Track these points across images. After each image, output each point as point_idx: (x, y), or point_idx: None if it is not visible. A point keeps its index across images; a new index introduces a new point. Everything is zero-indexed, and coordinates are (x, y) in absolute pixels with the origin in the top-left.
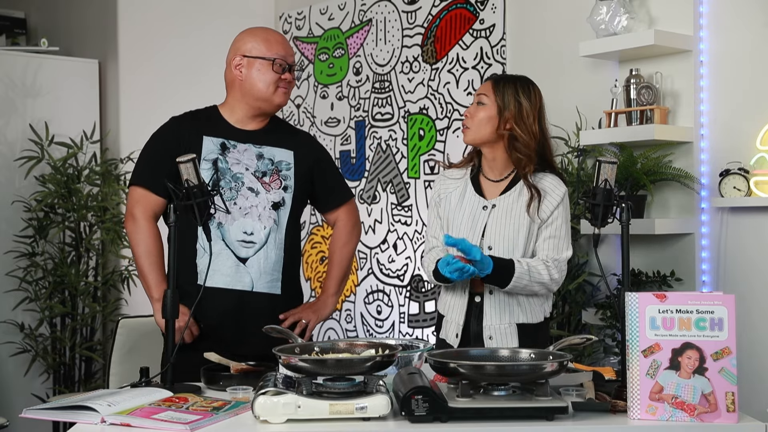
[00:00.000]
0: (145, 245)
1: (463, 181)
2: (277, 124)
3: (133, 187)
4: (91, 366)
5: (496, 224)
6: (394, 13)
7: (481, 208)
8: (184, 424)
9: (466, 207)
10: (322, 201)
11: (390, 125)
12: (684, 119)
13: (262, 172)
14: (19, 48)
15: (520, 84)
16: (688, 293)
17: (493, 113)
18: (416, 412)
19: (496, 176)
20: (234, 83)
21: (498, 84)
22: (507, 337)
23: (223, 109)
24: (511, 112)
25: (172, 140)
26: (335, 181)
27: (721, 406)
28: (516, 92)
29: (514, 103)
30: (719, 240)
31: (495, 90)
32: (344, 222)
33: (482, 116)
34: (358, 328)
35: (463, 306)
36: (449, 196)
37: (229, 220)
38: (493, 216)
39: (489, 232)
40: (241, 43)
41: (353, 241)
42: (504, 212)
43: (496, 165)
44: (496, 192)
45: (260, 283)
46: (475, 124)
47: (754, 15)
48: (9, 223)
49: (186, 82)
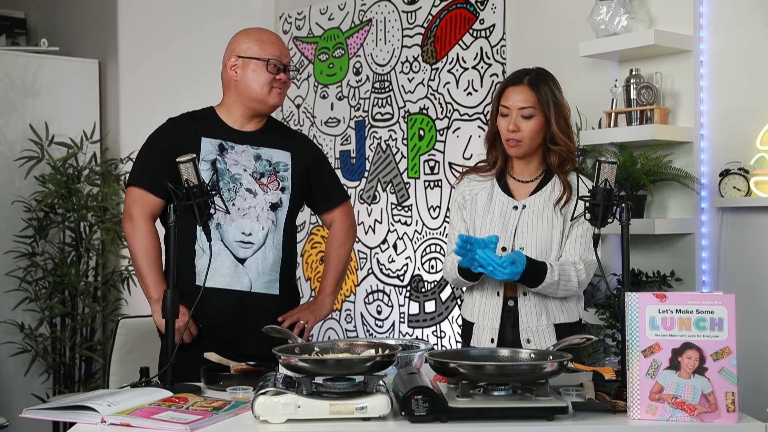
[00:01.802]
0: (143, 245)
1: (489, 182)
2: (273, 125)
3: (131, 187)
4: (91, 366)
5: (527, 225)
6: (394, 13)
7: (512, 209)
8: (184, 424)
9: (495, 208)
10: (318, 202)
11: (390, 125)
12: (684, 119)
13: (260, 173)
14: (19, 48)
15: (550, 80)
16: (688, 293)
17: (542, 122)
18: (416, 412)
19: (527, 177)
20: (230, 84)
21: (537, 87)
22: (545, 338)
23: (220, 110)
24: (555, 116)
25: (169, 141)
26: (331, 182)
27: (721, 406)
28: (552, 92)
29: (553, 105)
30: (719, 240)
31: (537, 95)
32: (340, 223)
33: (534, 128)
34: (358, 328)
35: (498, 310)
36: (475, 198)
37: (227, 220)
38: (525, 216)
39: (520, 233)
40: (236, 43)
41: (349, 241)
42: (536, 212)
43: (530, 167)
44: (525, 192)
45: (258, 283)
46: (528, 137)
47: (754, 15)
48: (9, 223)
49: (186, 82)
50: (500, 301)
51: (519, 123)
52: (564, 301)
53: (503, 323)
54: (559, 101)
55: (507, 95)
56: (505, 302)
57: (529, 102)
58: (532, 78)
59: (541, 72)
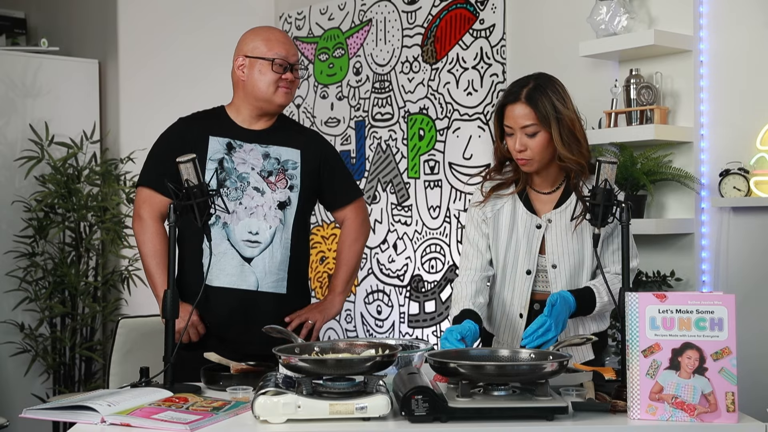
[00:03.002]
0: (152, 245)
1: (511, 197)
2: (284, 122)
3: (140, 187)
4: (91, 366)
5: (556, 241)
6: (394, 13)
7: (535, 228)
8: (184, 424)
9: (520, 227)
10: (329, 199)
11: (390, 125)
12: (684, 119)
13: (268, 172)
14: (19, 48)
15: (550, 91)
16: (688, 293)
17: (547, 137)
18: (416, 412)
19: (547, 188)
20: (238, 84)
21: (534, 103)
22: (582, 350)
23: (230, 109)
24: (557, 130)
25: (177, 140)
26: (343, 179)
27: (721, 406)
28: (552, 104)
29: (555, 119)
30: (719, 240)
31: (537, 114)
32: (352, 220)
33: (541, 143)
34: (358, 328)
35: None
36: (497, 215)
37: (234, 219)
38: (551, 232)
39: (550, 250)
40: (244, 43)
41: (361, 239)
42: (564, 227)
43: (549, 177)
44: (549, 205)
45: (265, 282)
46: (536, 153)
47: (753, 15)
48: (9, 223)
49: (186, 82)
50: (523, 322)
51: (525, 142)
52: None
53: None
54: (561, 113)
55: (507, 114)
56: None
57: (529, 119)
58: (529, 91)
59: (540, 82)
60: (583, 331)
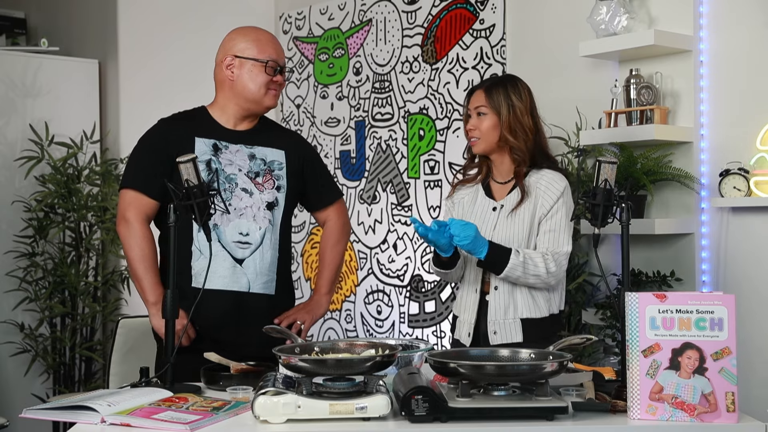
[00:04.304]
0: (139, 249)
1: (475, 186)
2: (266, 124)
3: (125, 190)
4: (91, 366)
5: (504, 223)
6: (394, 13)
7: (491, 210)
8: (184, 424)
9: (478, 209)
10: (312, 200)
11: (390, 125)
12: (684, 119)
13: (255, 173)
14: (19, 48)
15: (509, 85)
16: (688, 293)
17: (495, 120)
18: (416, 412)
19: (503, 178)
20: (224, 83)
21: (489, 91)
22: (511, 332)
23: (213, 110)
24: (505, 116)
25: (160, 141)
26: (325, 180)
27: (721, 406)
28: (507, 95)
29: (507, 106)
30: (719, 240)
31: (488, 98)
32: (334, 221)
33: (486, 125)
34: (358, 328)
35: (475, 305)
36: (462, 201)
37: (224, 221)
38: (502, 215)
39: (498, 231)
40: (233, 42)
41: (344, 240)
42: (507, 212)
43: (504, 168)
44: (503, 193)
45: (257, 284)
46: (483, 134)
47: (753, 15)
48: (9, 223)
49: (186, 83)
50: (477, 296)
51: (475, 123)
52: (533, 296)
53: (479, 317)
54: (513, 103)
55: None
56: (481, 297)
57: (481, 102)
58: (490, 83)
59: (504, 78)
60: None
